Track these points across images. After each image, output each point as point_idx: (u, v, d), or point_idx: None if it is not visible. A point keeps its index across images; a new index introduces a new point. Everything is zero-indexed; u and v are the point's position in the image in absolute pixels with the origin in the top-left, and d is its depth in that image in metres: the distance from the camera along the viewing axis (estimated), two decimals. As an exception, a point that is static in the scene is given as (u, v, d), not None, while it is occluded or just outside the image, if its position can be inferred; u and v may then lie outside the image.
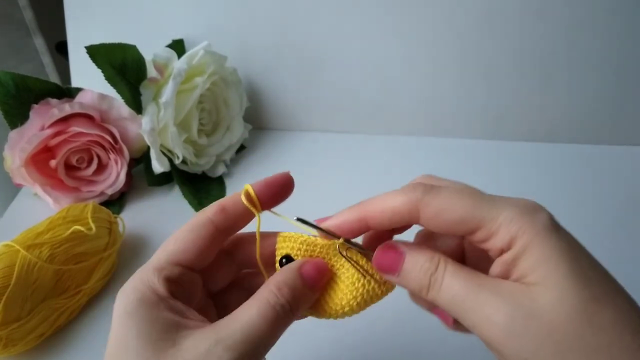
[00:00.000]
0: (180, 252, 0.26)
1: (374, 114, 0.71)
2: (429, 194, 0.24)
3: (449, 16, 0.63)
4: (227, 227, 0.28)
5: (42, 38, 0.87)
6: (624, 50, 0.63)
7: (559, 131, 0.68)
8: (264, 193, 0.28)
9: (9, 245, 0.43)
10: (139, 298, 0.24)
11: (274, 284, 0.25)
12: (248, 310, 0.24)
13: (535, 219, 0.22)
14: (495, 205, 0.23)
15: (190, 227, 0.27)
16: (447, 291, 0.23)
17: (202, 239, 0.27)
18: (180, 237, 0.27)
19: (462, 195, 0.24)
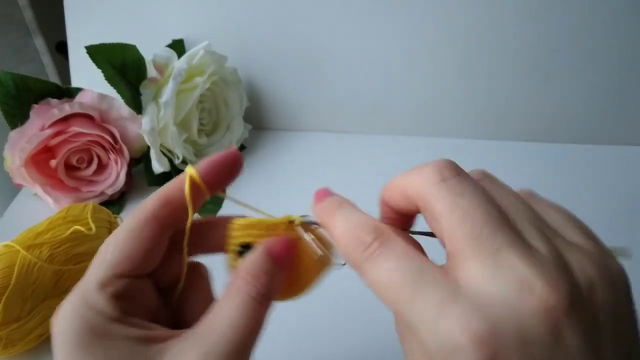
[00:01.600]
0: (122, 261, 0.23)
1: (374, 114, 0.71)
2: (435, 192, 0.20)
3: (449, 16, 0.63)
4: (172, 221, 0.24)
5: (42, 38, 0.86)
6: (624, 50, 0.63)
7: (559, 131, 0.68)
8: (210, 175, 0.24)
9: (8, 245, 0.43)
10: (86, 325, 0.21)
11: (247, 273, 0.23)
12: (229, 309, 0.22)
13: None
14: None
15: (131, 227, 0.23)
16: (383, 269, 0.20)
17: (146, 240, 0.23)
18: (120, 241, 0.23)
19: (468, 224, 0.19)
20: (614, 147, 0.67)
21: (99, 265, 0.23)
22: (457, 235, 0.19)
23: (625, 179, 0.62)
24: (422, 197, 0.21)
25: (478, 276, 0.18)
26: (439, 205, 0.20)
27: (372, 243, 0.20)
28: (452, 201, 0.19)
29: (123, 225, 0.24)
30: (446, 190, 0.20)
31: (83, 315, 0.21)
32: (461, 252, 0.19)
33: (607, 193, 0.60)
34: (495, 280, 0.18)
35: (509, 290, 0.18)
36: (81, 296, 0.22)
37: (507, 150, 0.68)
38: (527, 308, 0.17)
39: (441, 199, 0.20)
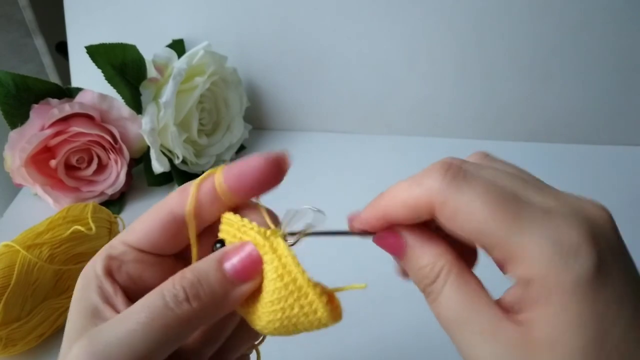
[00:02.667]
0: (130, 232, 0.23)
1: (374, 114, 0.71)
2: (448, 187, 0.19)
3: (449, 16, 0.63)
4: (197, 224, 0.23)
5: (42, 38, 0.87)
6: (624, 50, 0.63)
7: (559, 131, 0.68)
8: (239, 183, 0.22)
9: (9, 245, 0.43)
10: (82, 275, 0.22)
11: (180, 271, 0.21)
12: (135, 306, 0.20)
13: (569, 268, 0.17)
14: (526, 229, 0.18)
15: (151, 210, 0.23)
16: (441, 308, 0.20)
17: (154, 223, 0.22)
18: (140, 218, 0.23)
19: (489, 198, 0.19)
20: (614, 147, 0.67)
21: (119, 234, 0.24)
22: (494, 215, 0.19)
23: (625, 179, 0.62)
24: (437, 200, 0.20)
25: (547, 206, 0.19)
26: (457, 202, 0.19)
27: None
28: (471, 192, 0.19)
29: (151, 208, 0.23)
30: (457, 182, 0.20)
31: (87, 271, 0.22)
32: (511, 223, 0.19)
33: (607, 193, 0.59)
34: (556, 213, 0.19)
35: (574, 213, 0.19)
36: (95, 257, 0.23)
37: (507, 150, 0.68)
38: (596, 216, 0.19)
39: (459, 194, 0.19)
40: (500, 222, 0.18)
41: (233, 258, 0.21)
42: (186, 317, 0.20)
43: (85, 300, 0.21)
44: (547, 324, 0.18)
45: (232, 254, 0.21)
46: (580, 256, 0.17)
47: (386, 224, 0.22)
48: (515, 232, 0.18)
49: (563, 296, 0.17)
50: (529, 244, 0.18)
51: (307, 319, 0.20)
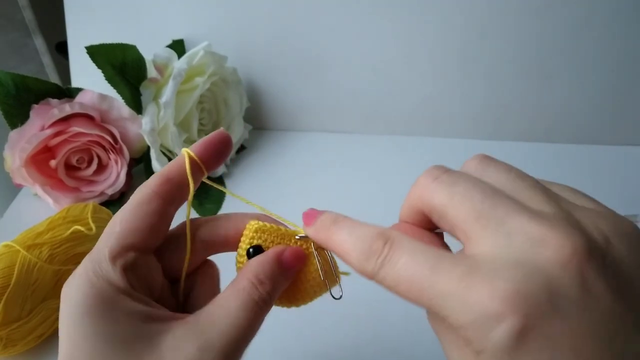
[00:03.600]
0: (130, 233, 0.23)
1: (374, 114, 0.71)
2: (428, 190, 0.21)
3: (449, 16, 0.63)
4: (174, 198, 0.25)
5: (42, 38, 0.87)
6: (624, 50, 0.63)
7: (559, 131, 0.68)
8: (205, 155, 0.26)
9: (9, 245, 0.43)
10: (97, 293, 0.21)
11: (254, 276, 0.24)
12: (231, 307, 0.22)
13: (488, 334, 0.17)
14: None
15: (136, 203, 0.24)
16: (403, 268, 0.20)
17: (151, 215, 0.24)
18: (126, 216, 0.24)
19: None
20: (614, 147, 0.67)
21: (108, 237, 0.24)
22: (462, 218, 0.19)
23: (625, 179, 0.62)
24: (424, 202, 0.21)
25: (491, 246, 0.18)
26: (438, 199, 0.20)
27: (382, 249, 0.20)
28: (448, 191, 0.20)
29: (128, 202, 0.24)
30: (440, 185, 0.21)
31: (94, 284, 0.22)
32: (470, 232, 0.19)
33: (607, 193, 0.59)
34: (508, 245, 0.18)
35: (524, 250, 0.18)
36: (93, 265, 0.22)
37: (507, 150, 0.68)
38: (547, 261, 0.17)
39: (438, 193, 0.21)
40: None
41: (288, 257, 0.26)
42: (268, 309, 0.24)
43: (125, 311, 0.21)
44: None
45: (288, 255, 0.26)
46: (499, 324, 0.17)
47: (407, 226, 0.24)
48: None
49: (486, 356, 0.17)
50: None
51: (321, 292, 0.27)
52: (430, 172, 0.21)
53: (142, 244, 0.24)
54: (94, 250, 0.24)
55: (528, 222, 0.18)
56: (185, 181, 0.25)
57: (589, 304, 0.17)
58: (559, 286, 0.17)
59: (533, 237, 0.18)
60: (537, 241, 0.18)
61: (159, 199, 0.24)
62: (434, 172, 0.21)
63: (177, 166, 0.25)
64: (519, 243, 0.18)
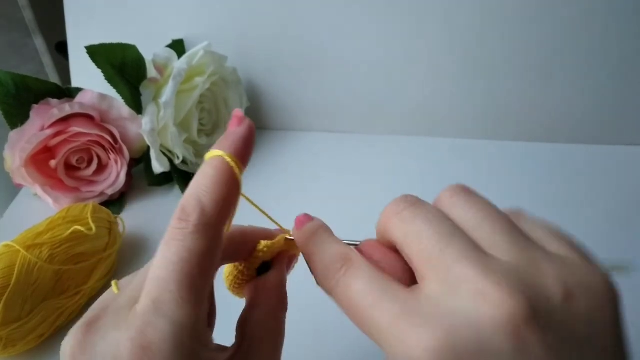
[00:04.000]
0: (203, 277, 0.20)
1: (374, 114, 0.71)
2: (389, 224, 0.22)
3: (449, 16, 0.63)
4: None
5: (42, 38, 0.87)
6: (624, 50, 0.63)
7: (559, 131, 0.68)
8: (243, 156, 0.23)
9: (9, 245, 0.43)
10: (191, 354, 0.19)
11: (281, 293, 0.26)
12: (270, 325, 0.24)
13: None
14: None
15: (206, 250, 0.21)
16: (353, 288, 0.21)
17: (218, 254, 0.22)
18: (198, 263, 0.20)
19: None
20: (614, 147, 0.67)
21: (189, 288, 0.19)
22: (414, 259, 0.20)
23: (625, 179, 0.62)
24: (386, 232, 0.22)
25: (436, 291, 0.18)
26: (395, 235, 0.21)
27: (340, 270, 0.21)
28: (404, 229, 0.21)
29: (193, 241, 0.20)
30: (399, 221, 0.21)
31: (190, 348, 0.19)
32: (420, 273, 0.20)
33: (607, 193, 0.60)
34: (451, 293, 0.18)
35: (466, 301, 0.18)
36: (183, 327, 0.19)
37: (507, 150, 0.68)
38: (484, 317, 0.17)
39: (396, 230, 0.21)
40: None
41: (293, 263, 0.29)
42: None
43: None
44: None
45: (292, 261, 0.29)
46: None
47: None
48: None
49: None
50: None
51: None
52: (396, 205, 0.22)
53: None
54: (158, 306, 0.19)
55: (474, 273, 0.18)
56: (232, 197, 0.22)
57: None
58: (492, 343, 0.17)
59: (476, 290, 0.18)
60: (479, 295, 0.17)
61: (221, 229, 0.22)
62: (398, 205, 0.21)
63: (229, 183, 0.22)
64: (462, 292, 0.18)
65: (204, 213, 0.20)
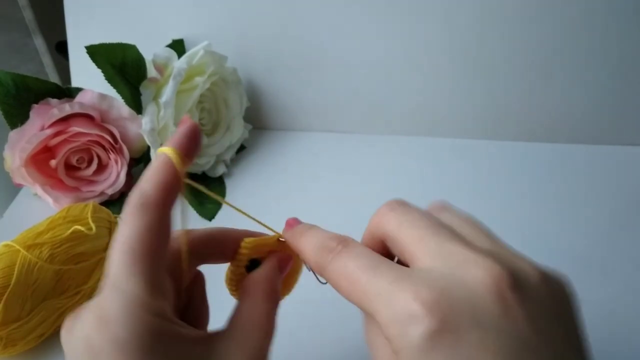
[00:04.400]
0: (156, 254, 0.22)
1: (374, 114, 0.71)
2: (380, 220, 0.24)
3: (449, 16, 0.63)
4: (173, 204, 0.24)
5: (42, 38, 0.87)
6: (624, 50, 0.63)
7: (559, 131, 0.68)
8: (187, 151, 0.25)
9: (9, 245, 0.43)
10: (151, 330, 0.20)
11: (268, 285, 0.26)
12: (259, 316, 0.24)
13: (405, 332, 0.18)
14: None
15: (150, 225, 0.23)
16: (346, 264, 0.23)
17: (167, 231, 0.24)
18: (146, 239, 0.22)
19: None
20: (614, 147, 0.67)
21: (134, 267, 0.21)
22: (408, 241, 0.22)
23: (625, 179, 0.62)
24: (379, 228, 0.24)
25: (428, 263, 0.21)
26: (390, 226, 0.23)
27: (335, 247, 0.23)
28: (399, 219, 0.23)
29: (136, 223, 0.22)
30: (394, 215, 0.23)
31: (142, 318, 0.20)
32: (413, 252, 0.22)
33: (607, 193, 0.60)
34: (443, 263, 0.20)
35: (457, 267, 0.20)
36: (134, 298, 0.20)
37: (507, 150, 0.68)
38: (474, 280, 0.19)
39: (391, 221, 0.23)
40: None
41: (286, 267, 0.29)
42: None
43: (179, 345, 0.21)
44: None
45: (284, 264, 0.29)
46: (412, 325, 0.18)
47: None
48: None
49: (403, 355, 0.19)
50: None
51: None
52: (388, 204, 0.24)
53: (165, 261, 0.23)
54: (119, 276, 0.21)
55: (464, 248, 0.21)
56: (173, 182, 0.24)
57: (507, 327, 0.18)
58: (481, 303, 0.19)
59: (466, 259, 0.20)
60: (469, 262, 0.20)
61: (167, 212, 0.23)
62: (391, 204, 0.24)
63: (168, 170, 0.24)
64: (452, 262, 0.20)
65: (142, 194, 0.23)
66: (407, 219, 0.23)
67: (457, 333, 0.18)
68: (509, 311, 0.18)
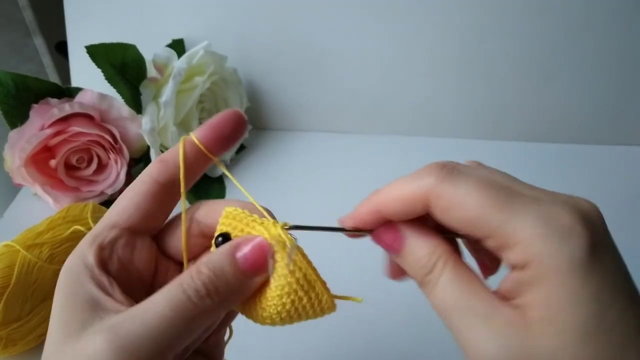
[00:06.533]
0: (116, 213, 0.24)
1: (374, 114, 0.71)
2: (443, 182, 0.20)
3: (449, 16, 0.63)
4: (172, 181, 0.24)
5: (42, 38, 0.86)
6: (624, 50, 0.63)
7: (559, 131, 0.68)
8: (210, 138, 0.25)
9: (9, 245, 0.43)
10: (67, 268, 0.22)
11: (195, 266, 0.21)
12: (155, 298, 0.20)
13: (563, 248, 0.18)
14: (520, 213, 0.19)
15: (130, 187, 0.24)
16: (438, 297, 0.21)
17: (141, 194, 0.24)
18: (119, 199, 0.24)
19: (482, 190, 0.20)
20: (614, 147, 0.67)
21: (101, 220, 0.24)
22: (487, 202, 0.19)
23: (625, 179, 0.62)
24: (432, 194, 0.21)
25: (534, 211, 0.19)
26: (453, 190, 0.20)
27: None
28: (474, 176, 0.20)
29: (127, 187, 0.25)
30: (453, 178, 0.20)
31: (70, 259, 0.22)
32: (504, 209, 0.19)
33: (607, 193, 0.60)
34: (551, 203, 0.19)
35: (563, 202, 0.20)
36: (78, 245, 0.23)
37: (507, 150, 0.68)
38: (587, 209, 0.19)
39: (453, 185, 0.20)
40: (494, 211, 0.19)
41: (244, 249, 0.22)
42: (208, 310, 0.20)
43: (80, 294, 0.21)
44: (545, 303, 0.18)
45: (244, 246, 0.22)
46: (574, 237, 0.18)
47: (380, 220, 0.23)
48: (509, 218, 0.19)
49: (558, 276, 0.18)
50: (523, 228, 0.19)
51: (312, 309, 0.22)
52: (439, 167, 0.21)
53: (129, 222, 0.24)
54: None
55: (548, 194, 0.20)
56: (188, 166, 0.24)
57: (616, 256, 0.19)
58: (602, 228, 0.19)
59: (562, 197, 0.20)
60: (569, 201, 0.20)
61: (153, 180, 0.24)
62: (443, 167, 0.21)
63: (175, 149, 0.25)
64: (557, 204, 0.19)
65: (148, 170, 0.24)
66: (482, 174, 0.21)
67: (605, 247, 0.19)
68: (608, 232, 0.20)
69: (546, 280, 0.18)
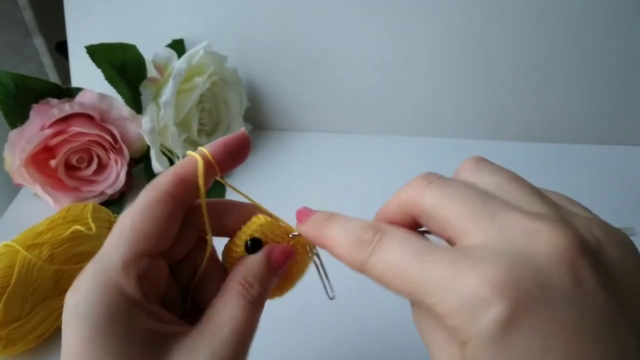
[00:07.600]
0: (143, 239, 0.23)
1: (374, 114, 0.71)
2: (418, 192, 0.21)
3: (449, 16, 0.63)
4: (187, 199, 0.25)
5: (42, 38, 0.86)
6: (624, 50, 0.63)
7: (559, 131, 0.68)
8: (221, 156, 0.25)
9: (9, 245, 0.43)
10: (109, 309, 0.20)
11: (245, 280, 0.24)
12: (231, 313, 0.23)
13: (474, 321, 0.16)
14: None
15: (147, 205, 0.23)
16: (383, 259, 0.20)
17: (165, 218, 0.23)
18: (138, 218, 0.23)
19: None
20: (614, 147, 0.67)
21: (118, 242, 0.23)
22: (453, 215, 0.19)
23: (625, 179, 0.62)
24: (415, 202, 0.21)
25: (482, 238, 0.18)
26: (430, 200, 0.20)
27: (373, 238, 0.20)
28: (441, 192, 0.20)
29: (137, 202, 0.23)
30: (434, 188, 0.21)
31: (105, 298, 0.21)
32: (460, 227, 0.19)
33: (607, 193, 0.60)
34: (500, 237, 0.18)
35: (516, 242, 0.17)
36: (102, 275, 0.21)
37: (507, 150, 0.68)
38: (540, 253, 0.17)
39: (431, 194, 0.20)
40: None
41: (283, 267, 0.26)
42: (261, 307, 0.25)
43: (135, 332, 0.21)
44: None
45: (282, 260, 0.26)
46: (487, 311, 0.16)
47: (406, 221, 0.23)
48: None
49: (472, 346, 0.17)
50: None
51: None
52: (423, 177, 0.21)
53: (155, 249, 0.23)
54: (100, 256, 0.22)
55: (521, 218, 0.18)
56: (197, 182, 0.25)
57: (582, 299, 0.16)
58: (551, 278, 0.16)
59: (526, 230, 0.18)
60: (530, 234, 0.17)
61: (173, 201, 0.24)
62: (427, 177, 0.21)
63: (189, 165, 0.24)
64: (511, 236, 0.18)
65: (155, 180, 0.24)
66: (450, 191, 0.20)
67: (532, 316, 0.16)
68: (582, 283, 0.16)
69: (465, 346, 0.17)
